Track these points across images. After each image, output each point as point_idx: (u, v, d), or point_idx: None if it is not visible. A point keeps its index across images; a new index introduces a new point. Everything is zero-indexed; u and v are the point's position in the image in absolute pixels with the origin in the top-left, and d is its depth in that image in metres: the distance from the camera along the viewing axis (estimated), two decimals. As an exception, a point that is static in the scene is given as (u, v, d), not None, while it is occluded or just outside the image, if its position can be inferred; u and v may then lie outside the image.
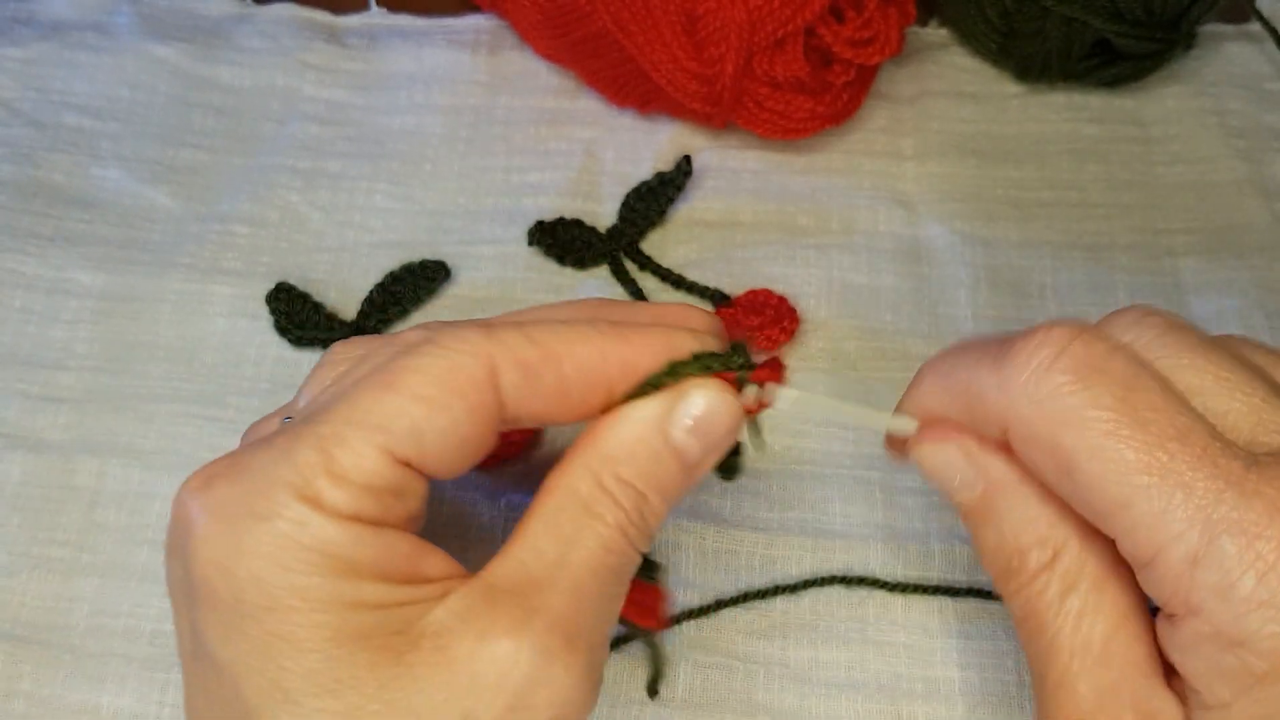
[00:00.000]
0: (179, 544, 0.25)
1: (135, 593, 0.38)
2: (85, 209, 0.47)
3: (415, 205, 0.47)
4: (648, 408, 0.26)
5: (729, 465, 0.39)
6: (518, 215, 0.46)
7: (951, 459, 0.28)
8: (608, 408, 0.27)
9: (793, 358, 0.43)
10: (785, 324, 0.43)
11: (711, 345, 0.27)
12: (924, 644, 0.37)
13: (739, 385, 0.27)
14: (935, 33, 0.52)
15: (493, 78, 0.51)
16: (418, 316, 0.44)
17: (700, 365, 0.26)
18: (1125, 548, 0.24)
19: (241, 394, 0.42)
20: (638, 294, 0.44)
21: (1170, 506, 0.23)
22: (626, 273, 0.45)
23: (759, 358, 0.28)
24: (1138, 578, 0.25)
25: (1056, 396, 0.24)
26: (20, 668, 0.37)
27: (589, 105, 0.50)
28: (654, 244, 0.46)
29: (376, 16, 0.53)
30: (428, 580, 0.25)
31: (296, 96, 0.50)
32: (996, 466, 0.27)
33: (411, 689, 0.23)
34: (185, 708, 0.26)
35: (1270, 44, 0.50)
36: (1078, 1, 0.45)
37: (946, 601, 0.37)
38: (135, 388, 0.42)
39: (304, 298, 0.44)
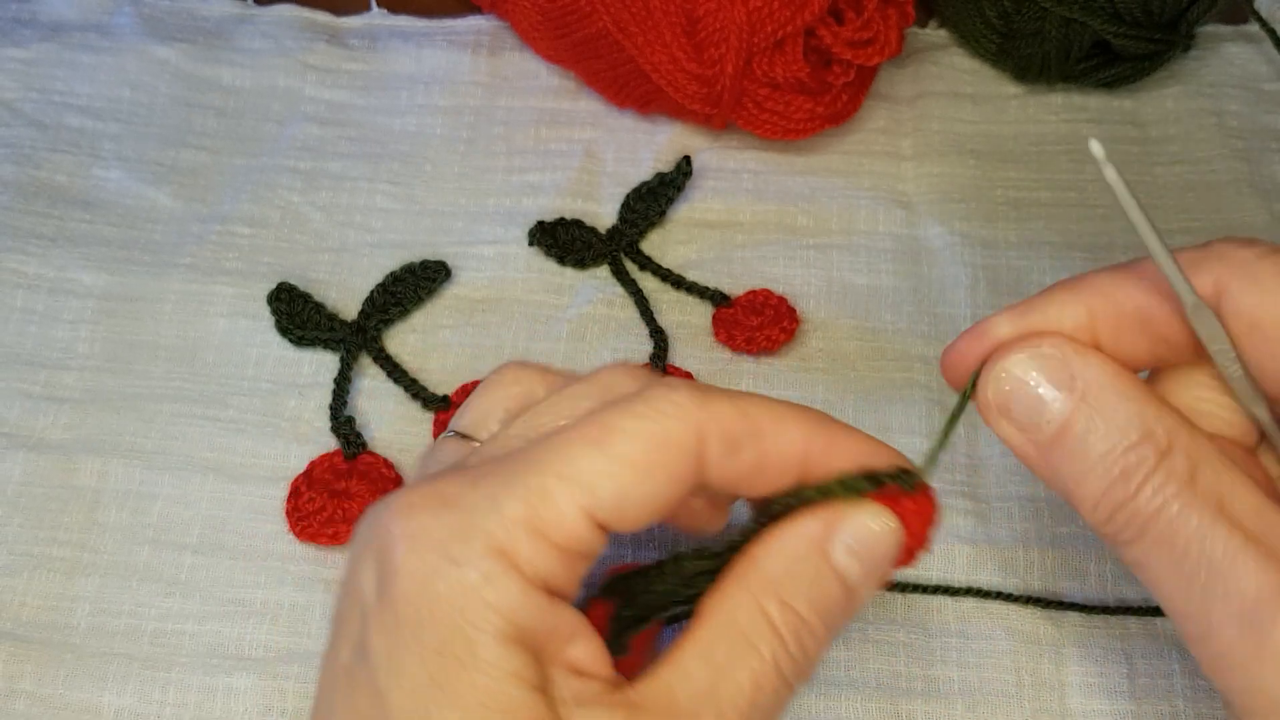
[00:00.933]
0: (376, 561, 0.24)
1: (137, 592, 0.38)
2: (87, 209, 0.47)
3: (416, 205, 0.47)
4: (808, 526, 0.26)
5: None
6: (518, 215, 0.47)
7: (1041, 363, 0.26)
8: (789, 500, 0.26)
9: (792, 357, 0.43)
10: (785, 324, 0.43)
11: (900, 463, 0.27)
12: (923, 643, 0.37)
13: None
14: (934, 34, 0.52)
15: (493, 78, 0.51)
16: (418, 316, 0.44)
17: (870, 482, 0.26)
18: None
19: (243, 394, 0.42)
20: (638, 294, 0.44)
21: None
22: (626, 273, 0.45)
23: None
24: None
25: (1276, 252, 0.25)
26: (22, 667, 0.37)
27: (589, 106, 0.50)
28: (654, 244, 0.46)
29: (377, 17, 0.53)
30: (579, 672, 0.24)
31: (297, 97, 0.50)
32: (1090, 362, 0.26)
33: None
34: (316, 710, 0.26)
35: (1269, 45, 0.51)
36: (1076, 2, 0.45)
37: (945, 600, 0.37)
38: (137, 388, 0.42)
39: (305, 298, 0.44)
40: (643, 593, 0.27)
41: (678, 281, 0.45)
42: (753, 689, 0.25)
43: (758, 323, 0.43)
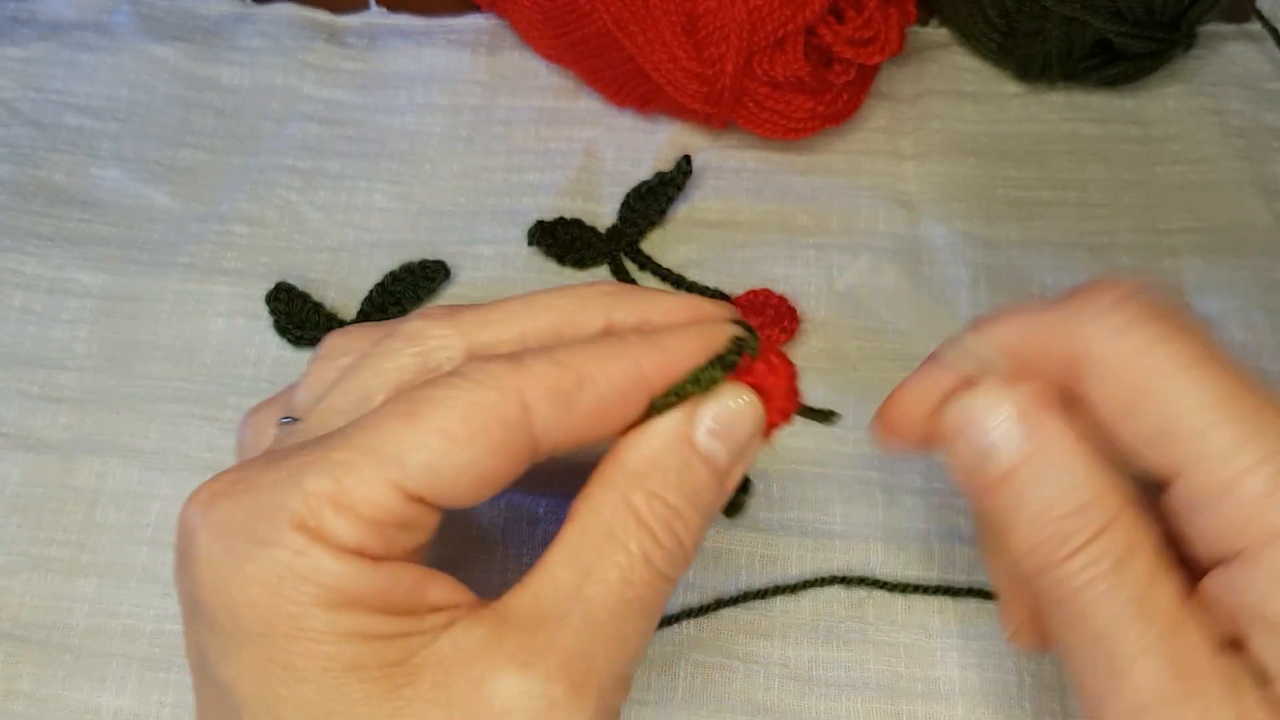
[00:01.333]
0: (183, 559, 0.24)
1: (135, 593, 0.38)
2: (85, 209, 0.47)
3: (415, 205, 0.47)
4: (669, 417, 0.25)
5: (734, 502, 0.38)
6: (517, 215, 0.46)
7: (1002, 409, 0.26)
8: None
9: (793, 358, 0.43)
10: (785, 324, 0.43)
11: (737, 334, 0.27)
12: (924, 644, 0.37)
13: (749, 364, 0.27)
14: (935, 32, 0.52)
15: (492, 77, 0.51)
16: (417, 316, 0.44)
17: (721, 367, 0.26)
18: (1194, 479, 0.24)
19: (241, 394, 0.42)
20: (638, 294, 0.44)
21: (1251, 431, 0.23)
22: (626, 273, 0.45)
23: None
24: (1193, 520, 0.24)
25: (1137, 324, 0.24)
26: (20, 668, 0.37)
27: (589, 105, 0.50)
28: (654, 244, 0.46)
29: (376, 16, 0.53)
30: (433, 608, 0.24)
31: (296, 96, 0.50)
32: (1051, 419, 0.25)
33: None
34: (196, 717, 0.26)
35: (1271, 44, 0.50)
36: (1078, 1, 0.45)
37: (946, 601, 0.37)
38: (135, 388, 0.42)
39: (303, 297, 0.44)
40: None
41: (678, 281, 0.45)
42: (622, 585, 0.24)
43: (758, 322, 0.43)
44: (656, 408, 0.26)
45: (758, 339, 0.27)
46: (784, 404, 0.27)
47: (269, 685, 0.22)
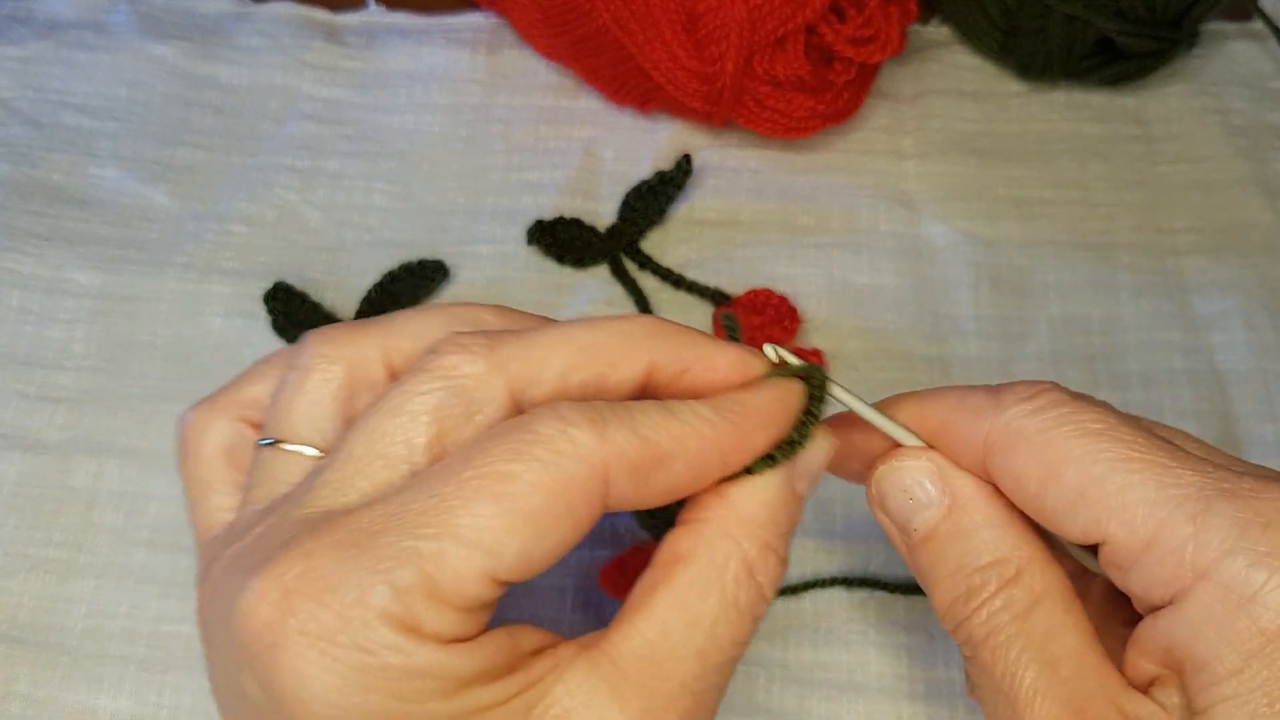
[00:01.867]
0: (260, 666, 0.22)
1: (133, 594, 0.38)
2: (83, 208, 0.47)
3: (414, 204, 0.47)
4: (782, 469, 0.26)
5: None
6: (517, 214, 0.46)
7: (921, 473, 0.28)
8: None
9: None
10: (786, 324, 0.42)
11: (810, 389, 0.27)
12: (925, 645, 0.37)
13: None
14: (936, 31, 0.52)
15: (492, 76, 0.51)
16: (416, 316, 0.44)
17: (812, 418, 0.27)
18: (1119, 538, 0.24)
19: (239, 394, 0.42)
20: (637, 294, 0.44)
21: (1165, 484, 0.24)
22: (626, 272, 0.45)
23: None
24: (1126, 578, 0.25)
25: (1050, 407, 0.26)
26: (17, 669, 0.37)
27: (588, 104, 0.50)
28: (654, 243, 0.46)
29: (375, 14, 0.53)
30: (531, 653, 0.24)
31: (295, 95, 0.50)
32: (965, 481, 0.27)
33: None
34: None
35: (1273, 42, 0.50)
36: (1080, 0, 0.45)
37: (948, 603, 0.37)
38: (132, 388, 0.42)
39: (301, 297, 0.44)
40: None
41: (678, 281, 0.44)
42: (732, 644, 0.25)
43: (758, 322, 0.42)
44: (756, 469, 0.26)
45: (824, 374, 0.28)
46: None
47: None
